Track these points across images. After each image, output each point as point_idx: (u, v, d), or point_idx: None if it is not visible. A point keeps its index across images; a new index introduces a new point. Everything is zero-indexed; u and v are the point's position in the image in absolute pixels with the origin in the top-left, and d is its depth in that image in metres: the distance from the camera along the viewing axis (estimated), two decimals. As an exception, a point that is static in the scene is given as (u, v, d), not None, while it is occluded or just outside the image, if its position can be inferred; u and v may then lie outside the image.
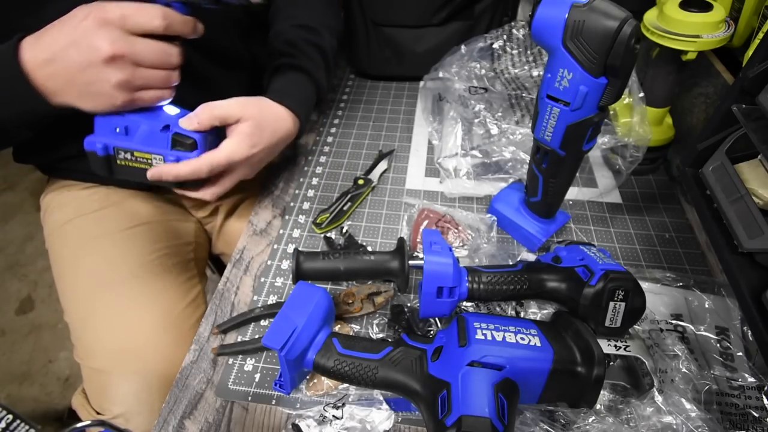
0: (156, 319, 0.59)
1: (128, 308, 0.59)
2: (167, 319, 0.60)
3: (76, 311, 0.61)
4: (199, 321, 0.65)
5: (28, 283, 1.55)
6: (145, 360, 0.57)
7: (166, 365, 0.57)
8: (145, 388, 0.56)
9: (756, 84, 0.36)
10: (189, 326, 0.62)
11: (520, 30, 0.74)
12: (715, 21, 0.49)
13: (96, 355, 0.58)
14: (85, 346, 0.59)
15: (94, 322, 0.59)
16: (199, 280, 0.70)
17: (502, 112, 0.65)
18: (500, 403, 0.33)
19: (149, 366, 0.57)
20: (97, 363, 0.58)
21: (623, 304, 0.39)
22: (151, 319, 0.59)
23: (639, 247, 0.57)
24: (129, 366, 0.56)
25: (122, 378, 0.56)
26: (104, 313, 0.59)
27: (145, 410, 0.55)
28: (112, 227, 0.65)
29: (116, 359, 0.57)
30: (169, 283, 0.63)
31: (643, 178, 0.66)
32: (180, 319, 0.61)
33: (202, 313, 0.66)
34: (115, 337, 0.58)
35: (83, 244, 0.63)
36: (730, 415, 0.41)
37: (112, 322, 0.59)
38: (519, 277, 0.44)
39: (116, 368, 0.56)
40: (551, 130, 0.43)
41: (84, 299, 0.61)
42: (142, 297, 0.60)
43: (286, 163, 0.72)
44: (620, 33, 0.34)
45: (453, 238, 0.56)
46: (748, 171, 0.38)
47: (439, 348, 0.39)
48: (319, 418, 0.42)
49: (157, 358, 0.57)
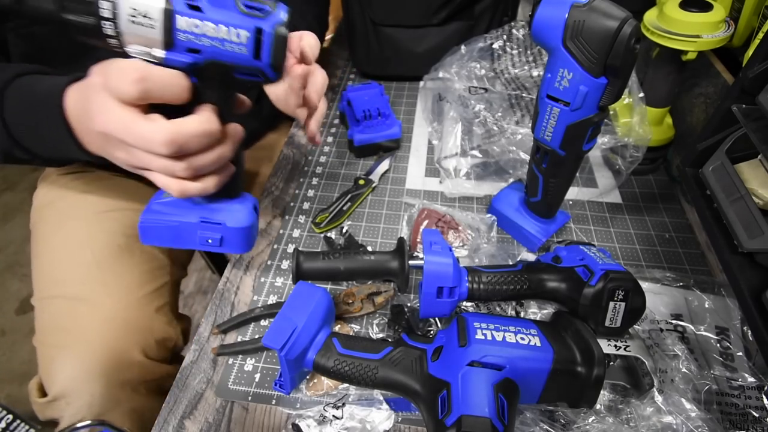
0: (109, 304, 0.59)
1: (83, 291, 0.59)
2: (119, 305, 0.59)
3: (39, 292, 0.61)
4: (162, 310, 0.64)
5: (28, 283, 1.54)
6: (90, 344, 0.56)
7: (110, 352, 0.56)
8: (86, 371, 0.55)
9: (756, 84, 0.36)
10: (146, 315, 0.61)
11: (520, 30, 0.74)
12: (715, 21, 0.49)
13: (49, 333, 0.58)
14: (41, 326, 0.59)
15: (51, 302, 0.60)
16: (170, 270, 0.69)
17: (502, 112, 0.65)
18: (500, 403, 0.33)
19: (93, 350, 0.56)
20: (49, 341, 0.58)
21: (623, 304, 0.39)
22: (103, 304, 0.59)
23: (639, 247, 0.57)
24: (76, 347, 0.56)
25: (66, 357, 0.55)
26: (62, 295, 0.59)
27: (83, 393, 0.54)
28: (87, 210, 0.65)
29: (66, 339, 0.57)
30: (131, 269, 0.63)
31: (643, 178, 0.66)
32: (135, 307, 0.61)
33: (164, 303, 0.65)
34: (68, 319, 0.58)
35: (58, 226, 0.64)
36: (730, 415, 0.41)
37: (67, 304, 0.59)
38: (519, 277, 0.44)
39: (63, 348, 0.56)
40: (551, 130, 0.43)
41: (46, 280, 0.61)
42: (98, 281, 0.60)
43: (286, 163, 0.72)
44: (620, 33, 0.34)
45: (453, 238, 0.56)
46: (748, 171, 0.38)
47: (439, 348, 0.39)
48: (319, 418, 0.42)
49: (102, 343, 0.56)
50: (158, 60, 0.29)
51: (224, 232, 0.40)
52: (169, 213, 0.40)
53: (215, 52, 0.30)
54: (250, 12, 0.29)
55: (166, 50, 0.29)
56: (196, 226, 0.40)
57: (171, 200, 0.40)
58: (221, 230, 0.40)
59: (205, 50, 0.29)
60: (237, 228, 0.40)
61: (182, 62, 0.30)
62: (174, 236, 0.41)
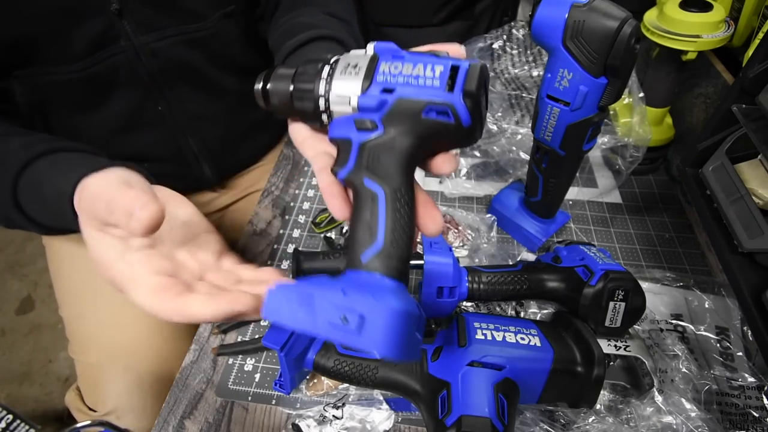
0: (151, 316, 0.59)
1: (124, 304, 0.58)
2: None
3: (72, 306, 0.61)
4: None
5: (28, 283, 1.55)
6: (138, 357, 0.57)
7: (160, 363, 0.57)
8: (138, 385, 0.56)
9: (756, 84, 0.36)
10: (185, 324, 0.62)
11: (520, 30, 0.74)
12: (715, 21, 0.49)
13: (90, 350, 0.58)
14: (79, 341, 0.59)
15: (89, 317, 0.59)
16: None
17: (502, 112, 0.65)
18: (500, 403, 0.33)
19: (142, 363, 0.56)
20: (91, 358, 0.58)
21: (623, 304, 0.39)
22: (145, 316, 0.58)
23: (639, 247, 0.57)
24: (122, 362, 0.56)
25: (115, 374, 0.56)
26: (99, 309, 0.59)
27: (137, 407, 0.55)
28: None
29: (110, 355, 0.57)
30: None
31: (643, 178, 0.66)
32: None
33: None
34: (110, 333, 0.58)
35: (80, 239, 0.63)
36: (730, 415, 0.41)
37: (106, 318, 0.58)
38: (519, 277, 0.44)
39: (109, 364, 0.56)
40: (551, 130, 0.43)
41: (80, 294, 0.61)
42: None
43: (286, 163, 0.72)
44: (620, 33, 0.34)
45: (453, 238, 0.56)
46: (748, 171, 0.38)
47: (439, 348, 0.39)
48: (319, 418, 0.42)
49: (150, 355, 0.57)
50: (354, 108, 0.30)
51: (368, 310, 0.26)
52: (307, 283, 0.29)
53: (407, 89, 0.28)
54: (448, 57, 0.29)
55: (361, 92, 0.29)
56: (335, 296, 0.27)
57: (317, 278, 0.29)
58: (364, 306, 0.26)
59: (397, 88, 0.29)
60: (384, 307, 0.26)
61: (373, 101, 0.29)
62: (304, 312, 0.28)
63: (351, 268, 0.29)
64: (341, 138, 0.31)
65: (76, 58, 0.48)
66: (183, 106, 0.58)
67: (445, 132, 0.29)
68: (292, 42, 0.46)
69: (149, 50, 0.52)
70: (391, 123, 0.29)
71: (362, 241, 0.28)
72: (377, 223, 0.28)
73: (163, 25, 0.52)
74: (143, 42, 0.51)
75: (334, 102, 0.30)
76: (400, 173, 0.29)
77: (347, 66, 0.30)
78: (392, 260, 0.28)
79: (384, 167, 0.29)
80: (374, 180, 0.29)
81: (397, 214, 0.29)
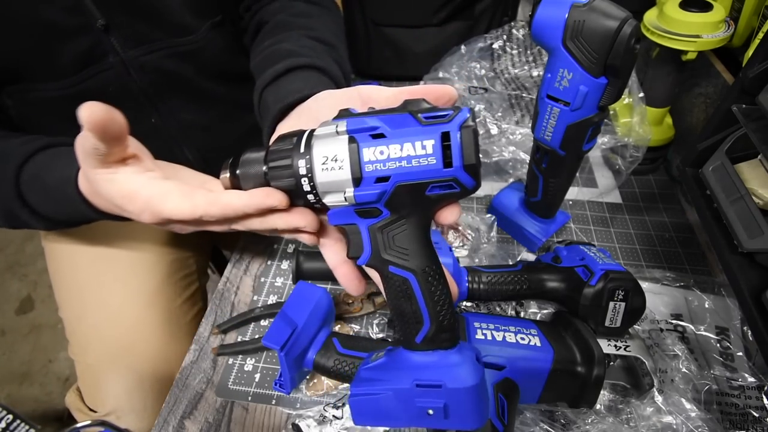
0: (151, 316, 0.59)
1: (123, 305, 0.59)
2: (162, 315, 0.60)
3: (72, 307, 0.61)
4: (197, 318, 0.65)
5: (28, 283, 1.55)
6: (138, 357, 0.57)
7: (160, 363, 0.57)
8: (138, 385, 0.56)
9: (756, 84, 0.36)
10: (185, 323, 0.62)
11: (520, 30, 0.74)
12: (715, 21, 0.49)
13: (90, 351, 0.58)
14: (79, 342, 0.59)
15: (88, 318, 0.59)
16: (198, 277, 0.69)
17: (502, 112, 0.65)
18: (500, 403, 0.33)
19: (143, 363, 0.57)
20: (91, 359, 0.58)
21: (623, 304, 0.39)
22: (145, 316, 0.59)
23: (639, 247, 0.57)
24: (122, 362, 0.56)
25: (115, 374, 0.56)
26: (99, 310, 0.59)
27: (137, 407, 0.55)
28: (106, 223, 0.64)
29: (110, 355, 0.57)
30: (166, 279, 0.63)
31: (643, 178, 0.66)
32: (176, 315, 0.61)
33: (199, 309, 0.66)
34: (110, 334, 0.58)
35: (78, 240, 0.63)
36: (730, 415, 0.41)
37: (106, 319, 0.59)
38: (519, 277, 0.44)
39: (109, 364, 0.56)
40: (551, 130, 0.43)
41: (79, 295, 0.61)
42: (138, 294, 0.60)
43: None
44: (620, 33, 0.34)
45: (453, 238, 0.56)
46: (748, 171, 0.38)
47: (439, 348, 0.39)
48: (319, 418, 0.42)
49: (151, 355, 0.57)
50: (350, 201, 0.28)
51: (447, 398, 0.29)
52: (379, 378, 0.32)
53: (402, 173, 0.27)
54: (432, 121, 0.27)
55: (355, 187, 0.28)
56: (412, 392, 0.30)
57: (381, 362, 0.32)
58: (443, 395, 0.29)
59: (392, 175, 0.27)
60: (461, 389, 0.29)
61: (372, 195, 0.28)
62: (389, 410, 0.31)
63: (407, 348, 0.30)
64: (346, 224, 0.30)
65: (64, 75, 0.48)
66: (176, 116, 0.58)
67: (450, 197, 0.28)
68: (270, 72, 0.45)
69: (139, 64, 0.51)
70: (396, 206, 0.28)
71: (411, 325, 0.30)
72: (419, 308, 0.29)
73: (152, 39, 0.51)
74: (132, 56, 0.50)
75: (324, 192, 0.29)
76: (423, 251, 0.29)
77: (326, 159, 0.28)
78: (444, 333, 0.29)
79: (405, 251, 0.29)
80: (400, 267, 0.29)
81: (433, 293, 0.29)
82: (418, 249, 0.29)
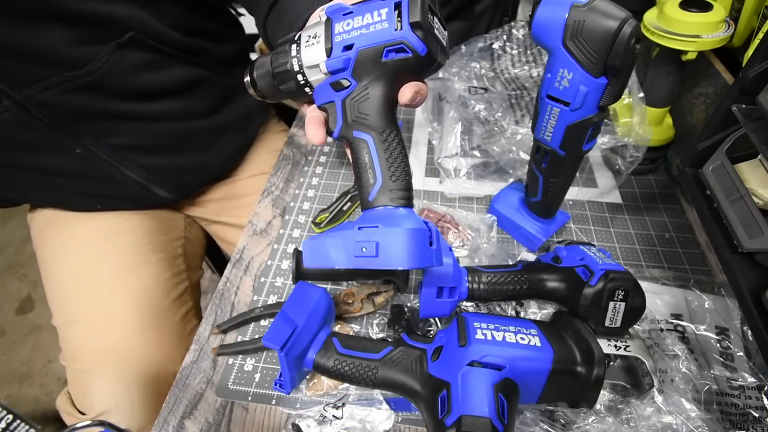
0: (138, 317, 0.59)
1: (110, 308, 0.59)
2: (149, 316, 0.59)
3: (62, 314, 0.61)
4: (187, 317, 0.65)
5: (28, 283, 1.55)
6: (125, 359, 0.56)
7: (148, 363, 0.57)
8: (124, 386, 0.55)
9: (756, 84, 0.36)
10: (174, 323, 0.61)
11: (520, 30, 0.74)
12: (715, 21, 0.49)
13: (80, 357, 0.58)
14: (70, 349, 0.59)
15: (76, 324, 0.59)
16: (188, 276, 0.69)
17: (502, 112, 0.65)
18: (500, 403, 0.33)
19: (129, 365, 0.56)
20: (79, 364, 0.58)
21: (623, 304, 0.39)
22: (133, 318, 0.59)
23: (639, 247, 0.57)
24: (108, 366, 0.56)
25: (102, 377, 0.56)
26: (87, 315, 0.59)
27: (124, 408, 0.55)
28: (94, 226, 0.64)
29: (98, 359, 0.57)
30: (153, 279, 0.62)
31: (643, 178, 0.66)
32: (165, 315, 0.61)
33: (189, 308, 0.66)
34: (98, 338, 0.58)
35: (65, 245, 0.63)
36: (730, 415, 0.41)
37: (95, 324, 0.58)
38: (519, 277, 0.44)
39: (96, 368, 0.56)
40: (551, 130, 0.43)
41: (68, 302, 0.61)
42: (124, 296, 0.60)
43: (286, 163, 0.72)
44: (620, 33, 0.34)
45: (453, 238, 0.56)
46: (748, 171, 0.38)
47: (439, 348, 0.39)
48: (319, 418, 0.42)
49: (137, 356, 0.57)
50: (324, 71, 0.34)
51: (381, 237, 0.31)
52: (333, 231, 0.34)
53: (363, 39, 0.32)
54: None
55: (327, 57, 0.33)
56: (354, 234, 0.32)
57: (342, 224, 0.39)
58: (378, 234, 0.31)
59: (355, 42, 0.32)
60: (394, 229, 0.31)
61: (340, 62, 0.33)
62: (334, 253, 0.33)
63: (364, 208, 0.34)
64: (326, 102, 0.35)
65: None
66: (104, 142, 0.55)
67: (407, 66, 0.32)
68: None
69: (36, 103, 0.49)
70: (360, 75, 0.33)
71: (366, 184, 0.33)
72: (374, 165, 0.33)
73: (44, 77, 0.48)
74: (27, 95, 0.48)
75: (308, 73, 0.35)
76: (381, 117, 0.33)
77: (308, 38, 0.34)
78: (394, 191, 0.33)
79: (366, 116, 0.33)
80: (361, 129, 0.33)
81: (387, 152, 0.33)
82: (377, 114, 0.33)
